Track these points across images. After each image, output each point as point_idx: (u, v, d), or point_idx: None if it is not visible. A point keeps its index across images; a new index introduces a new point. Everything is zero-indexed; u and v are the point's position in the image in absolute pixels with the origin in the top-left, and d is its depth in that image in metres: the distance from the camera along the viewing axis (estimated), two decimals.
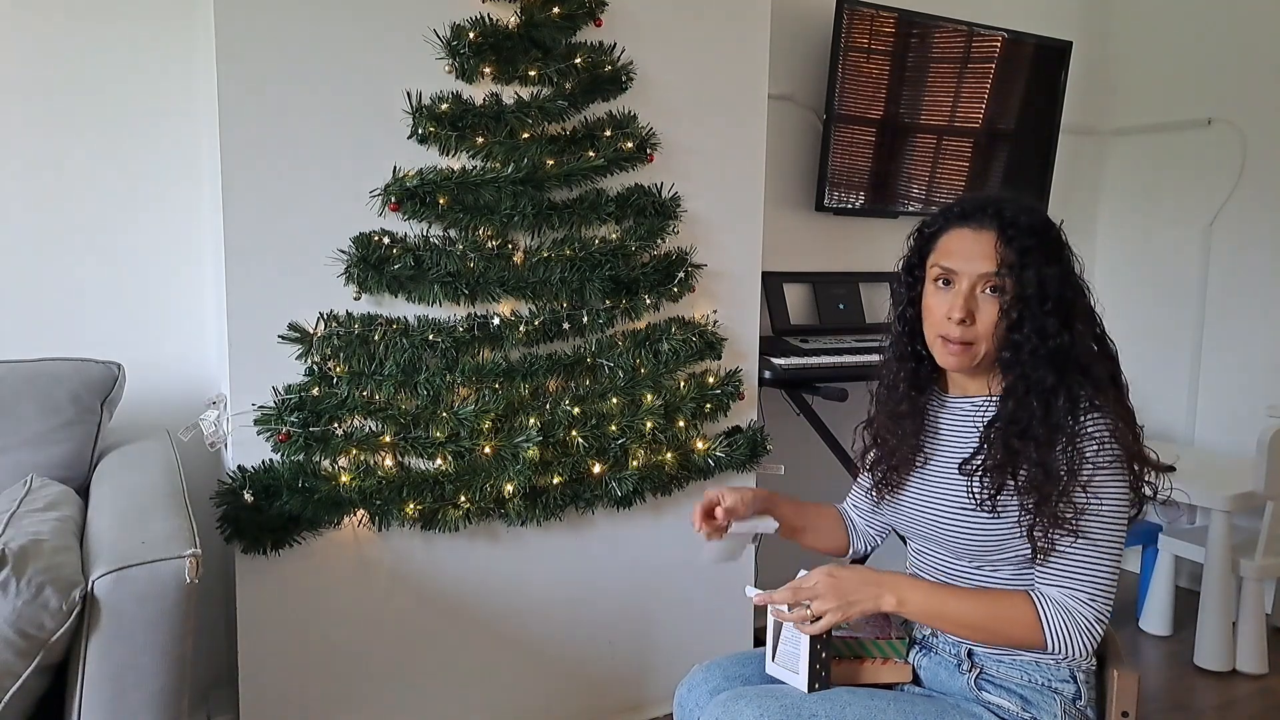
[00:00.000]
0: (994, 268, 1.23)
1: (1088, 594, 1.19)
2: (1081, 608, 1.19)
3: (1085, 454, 1.18)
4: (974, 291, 1.25)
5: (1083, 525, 1.18)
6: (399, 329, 1.87)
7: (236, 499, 1.76)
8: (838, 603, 1.24)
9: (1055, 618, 1.19)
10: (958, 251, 1.27)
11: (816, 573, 1.27)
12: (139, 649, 1.22)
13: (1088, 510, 1.18)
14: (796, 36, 2.80)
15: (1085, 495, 1.18)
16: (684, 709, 1.40)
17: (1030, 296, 1.21)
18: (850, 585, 1.25)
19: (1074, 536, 1.18)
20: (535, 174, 1.93)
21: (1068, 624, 1.18)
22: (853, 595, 1.24)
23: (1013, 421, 1.22)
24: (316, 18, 1.78)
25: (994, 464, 1.23)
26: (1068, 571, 1.20)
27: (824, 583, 1.25)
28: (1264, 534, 2.60)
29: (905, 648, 1.35)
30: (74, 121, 2.00)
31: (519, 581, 2.08)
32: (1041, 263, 1.22)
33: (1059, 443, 1.19)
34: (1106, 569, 1.19)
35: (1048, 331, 1.21)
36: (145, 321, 2.10)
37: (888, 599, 1.25)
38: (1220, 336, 3.22)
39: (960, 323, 1.25)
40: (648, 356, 2.10)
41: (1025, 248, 1.22)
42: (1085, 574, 1.19)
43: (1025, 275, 1.21)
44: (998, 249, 1.23)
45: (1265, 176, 3.09)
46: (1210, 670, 2.66)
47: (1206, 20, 3.24)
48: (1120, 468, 1.20)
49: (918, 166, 2.98)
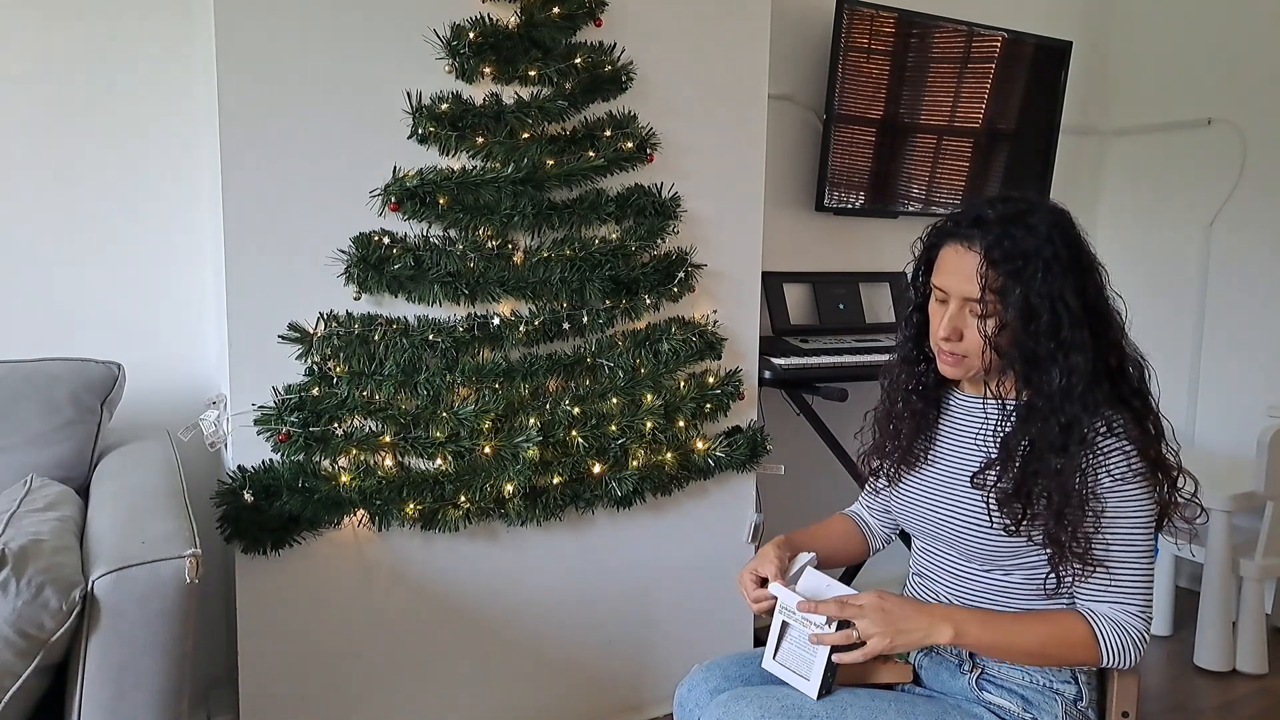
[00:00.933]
0: (977, 293, 1.21)
1: (1138, 606, 1.19)
2: (1134, 620, 1.19)
3: (1102, 482, 1.17)
4: (962, 310, 1.24)
5: (1113, 545, 1.18)
6: (399, 329, 1.87)
7: (236, 499, 1.76)
8: (887, 630, 1.20)
9: (1111, 634, 1.18)
10: (947, 270, 1.25)
11: (868, 595, 1.24)
12: (139, 649, 1.22)
13: (1116, 531, 1.18)
14: (796, 36, 2.80)
15: (1108, 519, 1.18)
16: (684, 709, 1.39)
17: (1014, 322, 1.19)
18: (903, 614, 1.21)
19: (1103, 564, 1.18)
20: (535, 174, 1.93)
21: (1122, 639, 1.18)
22: (904, 625, 1.20)
23: (1031, 446, 1.21)
24: (316, 18, 1.78)
25: (1011, 488, 1.21)
26: (1114, 586, 1.19)
27: (874, 606, 1.21)
28: (1264, 534, 2.60)
29: (909, 654, 1.34)
30: (74, 121, 2.00)
31: (519, 581, 2.08)
32: (1028, 286, 1.17)
33: (1073, 471, 1.17)
34: (1147, 579, 1.20)
35: (1039, 356, 1.19)
36: (145, 321, 2.10)
37: (943, 630, 1.21)
38: (1220, 336, 3.22)
39: (948, 340, 1.25)
40: (648, 356, 2.10)
41: (1011, 271, 1.18)
42: (1131, 587, 1.19)
43: (1009, 300, 1.18)
44: (981, 271, 1.20)
45: (1265, 176, 3.09)
46: (1210, 670, 2.66)
47: (1206, 20, 3.24)
48: (1141, 484, 1.19)
49: (918, 166, 2.98)
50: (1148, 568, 1.20)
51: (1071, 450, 1.17)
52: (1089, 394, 1.19)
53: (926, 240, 1.32)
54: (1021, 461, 1.21)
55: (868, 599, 1.23)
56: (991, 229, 1.21)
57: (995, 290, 1.19)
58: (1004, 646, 1.22)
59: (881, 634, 1.20)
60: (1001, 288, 1.19)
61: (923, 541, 1.42)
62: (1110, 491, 1.18)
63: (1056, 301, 1.18)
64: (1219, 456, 3.10)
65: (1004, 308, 1.19)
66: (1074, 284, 1.19)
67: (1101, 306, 1.23)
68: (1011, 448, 1.23)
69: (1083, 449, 1.18)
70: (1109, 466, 1.18)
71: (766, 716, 1.20)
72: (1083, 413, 1.18)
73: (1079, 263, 1.21)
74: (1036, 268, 1.18)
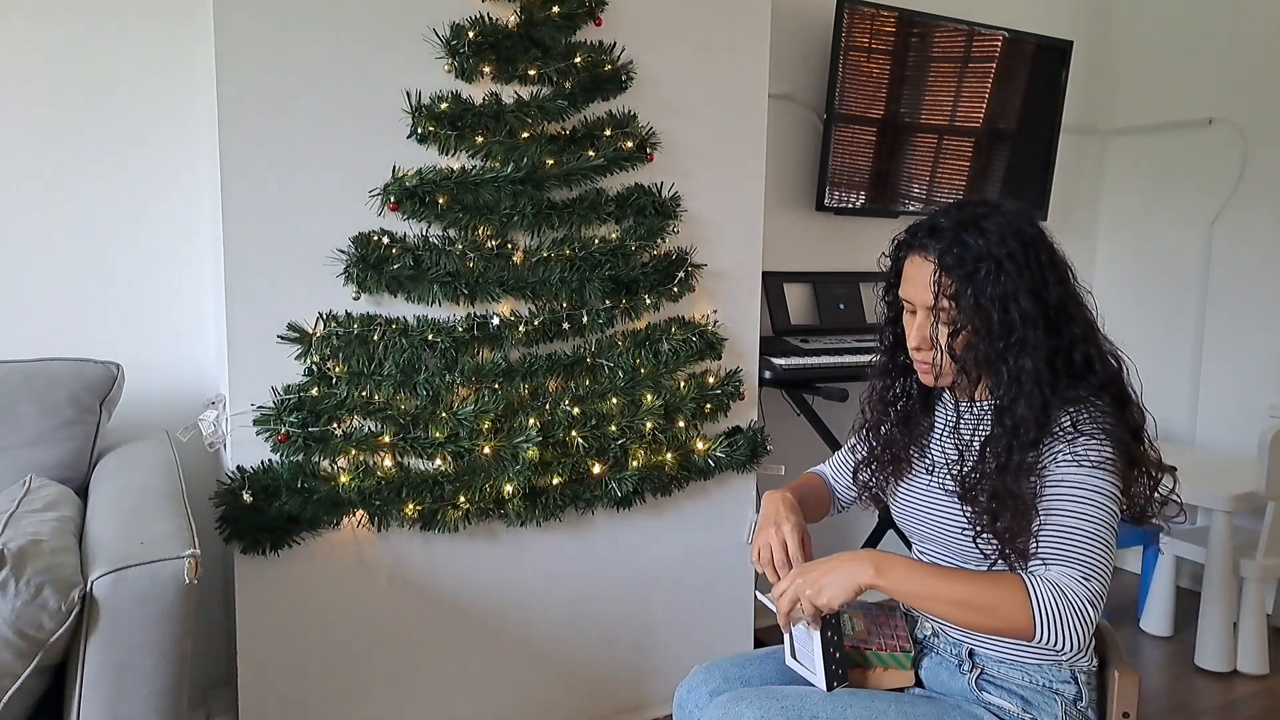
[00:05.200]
0: (932, 300, 1.22)
1: (1081, 573, 1.11)
2: (1075, 585, 1.10)
3: (1066, 455, 1.16)
4: (928, 319, 1.26)
5: (1069, 506, 1.14)
6: (398, 329, 1.87)
7: (236, 499, 1.76)
8: (807, 582, 1.22)
9: (1045, 594, 1.10)
10: (909, 281, 1.27)
11: (787, 577, 1.26)
12: (138, 649, 1.22)
13: (1068, 495, 1.15)
14: (796, 36, 2.79)
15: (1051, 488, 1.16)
16: (684, 710, 1.39)
17: (969, 325, 1.20)
18: (826, 565, 1.22)
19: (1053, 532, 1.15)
20: (535, 173, 1.93)
21: (1059, 602, 1.09)
22: (825, 575, 1.21)
23: (983, 443, 1.23)
24: (316, 18, 1.78)
25: (960, 490, 1.24)
26: (1059, 549, 1.13)
27: (795, 576, 1.25)
28: (1265, 534, 2.60)
29: (911, 661, 1.34)
30: (74, 121, 2.00)
31: (519, 582, 2.08)
32: (979, 290, 1.19)
33: (1025, 466, 1.18)
34: (1098, 550, 1.12)
35: (993, 357, 1.20)
36: (145, 321, 2.10)
37: (865, 570, 1.19)
38: (1221, 336, 3.22)
39: (919, 349, 1.27)
40: (648, 356, 2.10)
41: (964, 275, 1.19)
42: (1077, 551, 1.12)
43: (962, 304, 1.20)
44: (934, 278, 1.22)
45: (1266, 176, 3.09)
46: (1211, 671, 2.65)
47: (1207, 20, 3.24)
48: (1106, 469, 1.16)
49: (918, 166, 2.98)
50: (1098, 539, 1.12)
51: (1018, 450, 1.17)
52: (1044, 392, 1.18)
53: (891, 254, 1.34)
54: (974, 463, 1.23)
55: (788, 580, 1.25)
56: (944, 236, 1.22)
57: (949, 296, 1.21)
58: (926, 592, 1.17)
59: (800, 585, 1.22)
60: (955, 293, 1.21)
61: (919, 544, 1.43)
62: (1064, 465, 1.16)
63: (1009, 302, 1.19)
64: (1219, 456, 3.10)
65: (958, 312, 1.21)
66: (1029, 284, 1.20)
67: (1066, 304, 1.23)
68: (970, 449, 1.25)
69: (1034, 449, 1.17)
70: (1070, 449, 1.16)
71: (766, 717, 1.20)
72: (1036, 411, 1.18)
73: (1036, 261, 1.21)
74: (988, 270, 1.19)
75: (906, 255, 1.28)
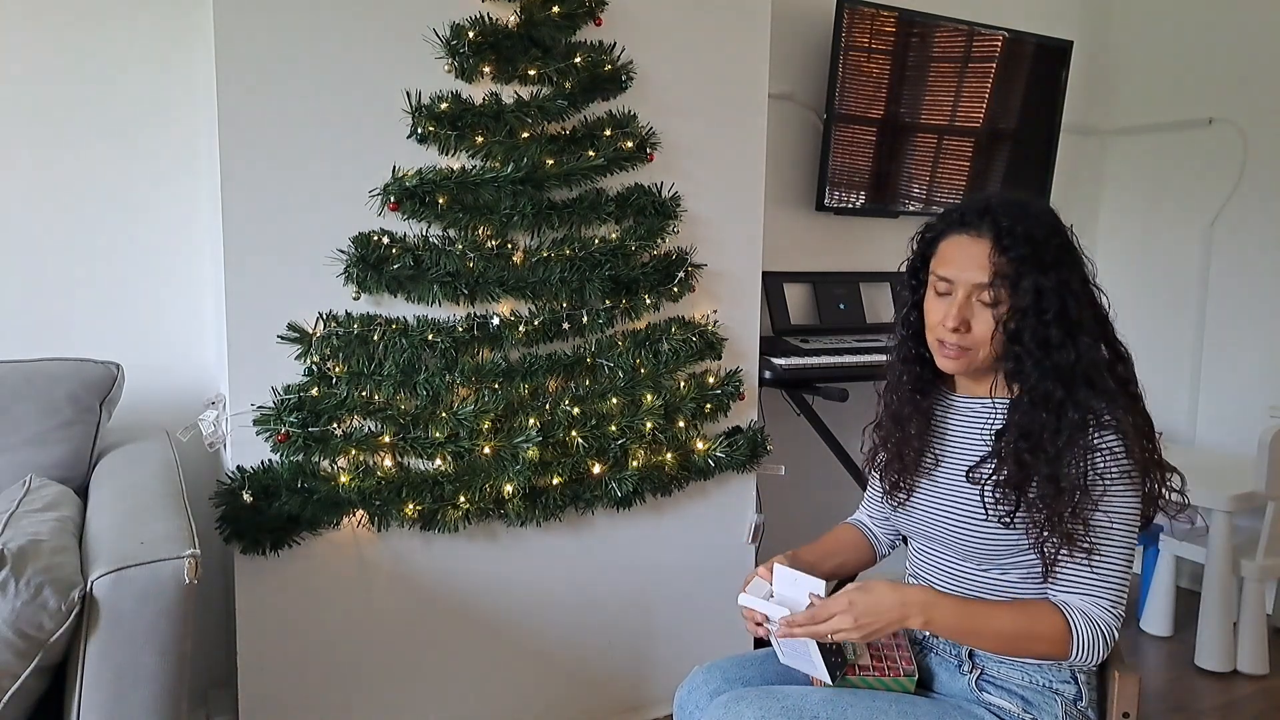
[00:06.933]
0: (987, 278, 1.21)
1: (1110, 600, 1.19)
2: (1103, 614, 1.18)
3: (1097, 468, 1.18)
4: (969, 300, 1.24)
5: (1097, 537, 1.18)
6: (398, 329, 1.87)
7: (235, 499, 1.76)
8: (855, 631, 1.20)
9: (1084, 627, 1.18)
10: (954, 259, 1.25)
11: (838, 599, 1.22)
12: (138, 649, 1.22)
13: (1101, 523, 1.18)
14: (796, 36, 2.79)
15: (1097, 511, 1.17)
16: (684, 710, 1.39)
17: (1027, 307, 1.20)
18: (871, 610, 1.20)
19: (1086, 553, 1.18)
20: (535, 173, 1.93)
21: (1093, 632, 1.18)
22: (873, 622, 1.20)
23: (1023, 435, 1.21)
24: (316, 17, 1.78)
25: (1005, 479, 1.22)
26: (1088, 580, 1.19)
27: (843, 610, 1.20)
28: (1265, 534, 2.60)
29: (914, 683, 1.32)
30: (73, 121, 2.00)
31: (518, 582, 2.08)
32: (1038, 272, 1.19)
33: (1070, 457, 1.18)
34: (1121, 576, 1.20)
35: (1050, 343, 1.19)
36: (145, 321, 2.09)
37: (914, 619, 1.21)
38: (1221, 336, 3.22)
39: (955, 330, 1.25)
40: (648, 356, 2.10)
41: (1021, 256, 1.19)
42: (1104, 581, 1.19)
43: (1021, 286, 1.20)
44: (992, 258, 1.21)
45: (1266, 176, 3.09)
46: (1211, 671, 2.65)
47: (1207, 20, 3.24)
48: (1131, 479, 1.19)
49: (918, 166, 2.98)
50: (1125, 566, 1.20)
51: (1064, 435, 1.18)
52: (1092, 380, 1.20)
53: (926, 234, 1.32)
54: (1015, 451, 1.22)
55: (837, 604, 1.21)
56: (1000, 218, 1.22)
57: (1005, 275, 1.20)
58: (974, 631, 1.22)
59: (850, 632, 1.20)
60: (1013, 273, 1.20)
61: (919, 542, 1.42)
62: (1097, 486, 1.18)
63: (1064, 288, 1.20)
64: (1219, 456, 3.10)
65: (1014, 294, 1.20)
66: (1077, 274, 1.23)
67: (1094, 298, 1.26)
68: (1006, 439, 1.24)
69: (1079, 435, 1.18)
70: (1099, 462, 1.18)
71: (767, 717, 1.20)
72: (1080, 398, 1.19)
73: (1075, 256, 1.25)
74: (1046, 254, 1.20)
75: (948, 234, 1.27)
